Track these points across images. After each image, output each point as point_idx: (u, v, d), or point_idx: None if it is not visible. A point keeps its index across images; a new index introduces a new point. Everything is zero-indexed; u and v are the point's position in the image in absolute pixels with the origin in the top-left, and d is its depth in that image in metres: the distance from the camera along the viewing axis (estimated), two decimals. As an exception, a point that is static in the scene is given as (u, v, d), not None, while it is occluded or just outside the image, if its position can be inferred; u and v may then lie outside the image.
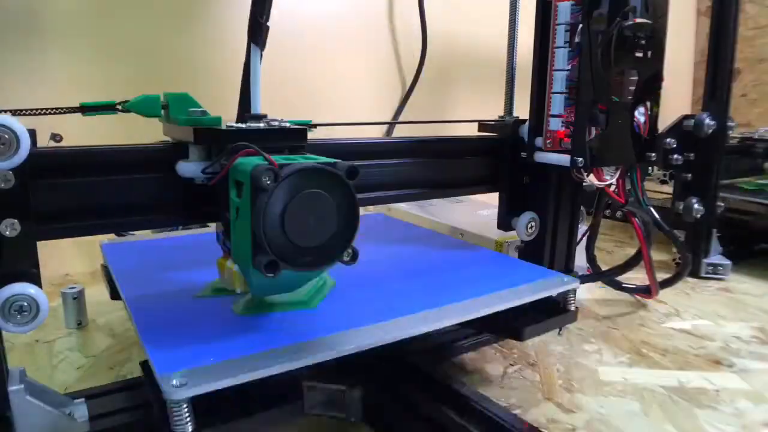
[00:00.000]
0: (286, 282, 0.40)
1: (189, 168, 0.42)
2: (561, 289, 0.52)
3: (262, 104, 0.45)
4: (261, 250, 0.33)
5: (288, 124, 0.42)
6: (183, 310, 0.44)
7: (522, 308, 0.48)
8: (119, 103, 0.43)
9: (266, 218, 0.33)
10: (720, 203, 0.89)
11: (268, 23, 0.45)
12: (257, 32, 0.45)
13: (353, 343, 0.38)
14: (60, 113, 0.42)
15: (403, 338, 0.40)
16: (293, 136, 0.42)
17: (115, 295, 0.53)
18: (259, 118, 0.42)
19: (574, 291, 0.53)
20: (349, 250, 0.36)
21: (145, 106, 0.43)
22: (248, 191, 0.34)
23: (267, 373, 0.34)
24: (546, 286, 0.51)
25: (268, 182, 0.32)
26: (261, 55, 0.46)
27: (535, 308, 0.51)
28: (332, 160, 0.35)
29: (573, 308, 0.53)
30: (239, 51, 0.46)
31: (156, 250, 0.62)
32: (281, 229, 0.33)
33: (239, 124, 0.41)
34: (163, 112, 0.44)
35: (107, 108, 0.43)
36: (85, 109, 0.43)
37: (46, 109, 0.42)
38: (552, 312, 0.53)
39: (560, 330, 0.55)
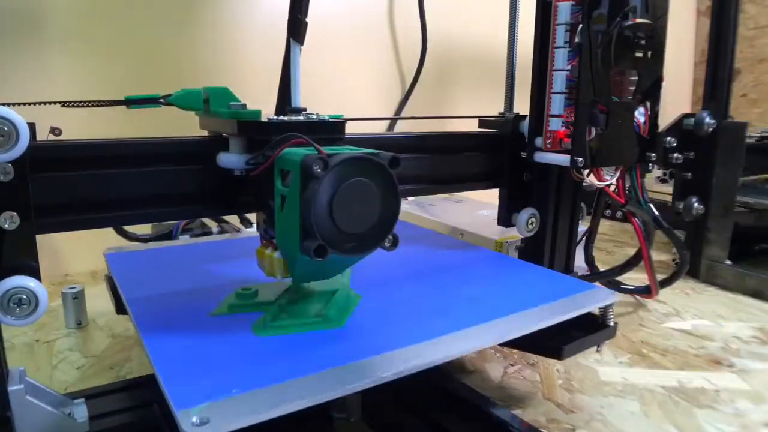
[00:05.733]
0: (327, 268, 0.40)
1: (231, 159, 0.43)
2: (602, 304, 0.49)
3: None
4: (310, 235, 0.34)
5: (327, 118, 0.44)
6: (198, 331, 0.40)
7: (560, 324, 0.44)
8: (162, 97, 0.45)
9: (315, 205, 0.34)
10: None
11: (306, 19, 0.47)
12: (297, 29, 0.47)
13: (391, 368, 0.34)
14: (103, 106, 0.44)
15: (443, 361, 0.37)
16: (333, 129, 0.44)
17: (120, 309, 0.49)
18: (299, 111, 0.44)
19: (612, 305, 0.50)
20: (390, 237, 0.37)
21: (187, 100, 0.45)
22: (297, 179, 0.34)
23: (299, 406, 0.31)
24: (587, 300, 0.48)
25: (319, 170, 0.33)
26: (300, 51, 0.47)
27: (573, 324, 0.47)
28: (374, 151, 0.36)
29: (612, 323, 0.50)
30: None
31: (161, 259, 0.58)
32: (329, 216, 0.34)
33: (281, 117, 0.42)
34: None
35: (151, 101, 0.45)
36: (130, 102, 0.45)
37: (88, 102, 0.44)
38: (591, 328, 0.49)
39: (599, 346, 0.51)
